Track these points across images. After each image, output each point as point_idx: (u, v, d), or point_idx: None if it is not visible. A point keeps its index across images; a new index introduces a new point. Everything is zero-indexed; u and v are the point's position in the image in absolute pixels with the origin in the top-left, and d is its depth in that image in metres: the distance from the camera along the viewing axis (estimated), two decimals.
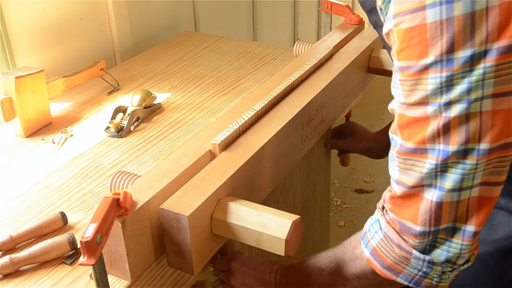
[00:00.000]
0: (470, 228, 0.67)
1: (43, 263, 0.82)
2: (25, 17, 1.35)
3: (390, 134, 0.69)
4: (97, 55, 1.55)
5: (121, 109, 1.22)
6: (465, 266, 0.71)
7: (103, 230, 0.64)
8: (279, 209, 0.80)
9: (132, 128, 1.20)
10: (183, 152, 0.87)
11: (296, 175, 1.18)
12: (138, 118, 1.21)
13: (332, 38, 1.28)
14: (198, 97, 1.33)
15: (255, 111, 0.94)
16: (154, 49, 1.63)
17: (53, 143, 1.15)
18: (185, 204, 0.75)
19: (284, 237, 0.74)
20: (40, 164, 1.08)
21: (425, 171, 0.65)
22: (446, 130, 0.62)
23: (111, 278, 0.77)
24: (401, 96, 0.65)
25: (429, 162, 0.64)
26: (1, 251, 0.84)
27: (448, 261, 0.69)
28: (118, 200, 0.69)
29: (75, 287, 0.78)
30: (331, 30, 1.40)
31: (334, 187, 2.45)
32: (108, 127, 1.18)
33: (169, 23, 1.84)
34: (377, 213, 0.74)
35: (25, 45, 1.36)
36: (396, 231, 0.70)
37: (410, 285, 0.72)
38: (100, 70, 1.37)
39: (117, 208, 0.70)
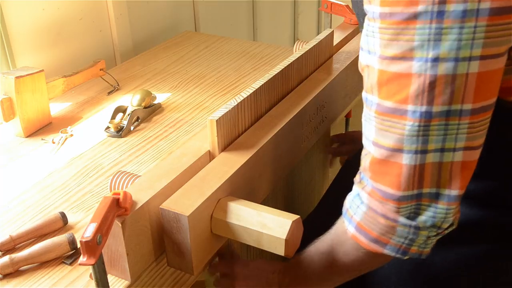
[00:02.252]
0: (454, 192, 0.65)
1: (43, 263, 0.82)
2: (25, 17, 1.35)
3: (364, 94, 0.67)
4: (97, 55, 1.55)
5: (121, 109, 1.22)
6: (449, 229, 0.70)
7: (103, 230, 0.64)
8: (277, 207, 0.80)
9: (132, 128, 1.20)
10: (183, 152, 0.87)
11: (295, 173, 1.18)
12: (138, 118, 1.21)
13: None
14: (198, 97, 1.33)
15: (254, 89, 0.93)
16: (154, 49, 1.63)
17: (53, 143, 1.15)
18: (185, 204, 0.75)
19: (284, 237, 0.74)
20: (40, 164, 1.08)
21: (406, 133, 0.62)
22: (431, 89, 0.59)
23: (111, 278, 0.77)
24: (377, 46, 0.61)
25: (410, 124, 0.61)
26: (1, 251, 0.84)
27: (433, 226, 0.68)
28: (118, 200, 0.69)
29: (75, 287, 0.78)
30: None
31: None
32: (108, 127, 1.18)
33: (169, 23, 1.84)
34: (356, 188, 0.72)
35: (25, 45, 1.36)
36: (378, 201, 0.68)
37: (397, 255, 0.71)
38: (100, 70, 1.37)
39: (117, 208, 0.70)
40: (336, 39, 1.27)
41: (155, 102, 1.27)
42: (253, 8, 2.34)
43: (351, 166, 1.06)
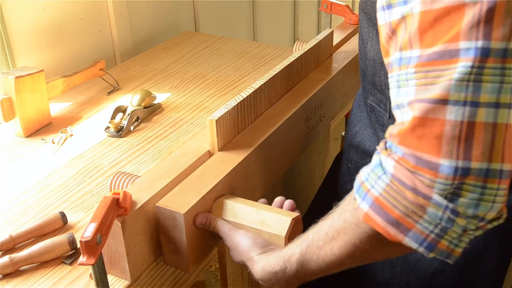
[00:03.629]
0: (507, 167, 0.52)
1: (43, 263, 0.82)
2: (25, 17, 1.35)
3: (396, 55, 0.56)
4: (97, 55, 1.55)
5: (121, 109, 1.22)
6: (494, 224, 0.55)
7: (102, 230, 0.64)
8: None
9: (132, 128, 1.20)
10: (182, 152, 0.87)
11: (295, 173, 1.18)
12: (138, 118, 1.21)
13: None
14: (198, 97, 1.33)
15: (254, 89, 0.94)
16: (154, 49, 1.63)
17: (53, 143, 1.15)
18: (180, 202, 0.75)
19: (284, 234, 0.74)
20: (40, 164, 1.08)
21: (456, 77, 0.49)
22: (489, 18, 0.49)
23: (110, 278, 0.77)
24: None
25: (462, 65, 0.49)
26: (1, 251, 0.84)
27: (476, 215, 0.53)
28: (117, 200, 0.69)
29: (75, 287, 0.78)
30: None
31: None
32: (108, 127, 1.18)
33: (169, 23, 1.84)
34: (378, 157, 0.57)
35: (25, 45, 1.36)
36: (409, 170, 0.53)
37: (420, 249, 0.55)
38: (100, 70, 1.37)
39: (117, 208, 0.70)
40: (336, 39, 1.27)
41: (155, 102, 1.27)
42: (253, 8, 2.34)
43: (340, 162, 1.06)
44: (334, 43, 1.24)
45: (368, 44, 0.84)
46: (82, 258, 0.63)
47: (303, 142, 1.06)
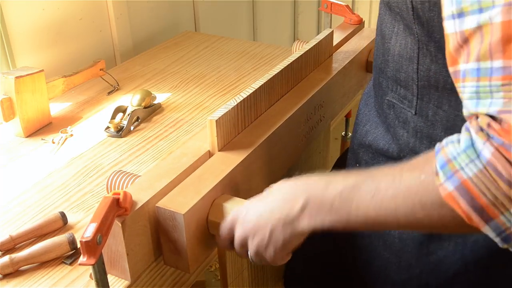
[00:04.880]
0: None
1: (43, 263, 0.82)
2: (25, 17, 1.35)
3: (472, 64, 0.54)
4: (97, 55, 1.55)
5: (121, 109, 1.22)
6: None
7: (103, 230, 0.64)
8: None
9: (132, 128, 1.20)
10: (182, 152, 0.87)
11: (295, 173, 1.18)
12: (138, 118, 1.21)
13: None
14: (198, 97, 1.33)
15: (254, 89, 0.93)
16: (154, 49, 1.63)
17: (53, 143, 1.15)
18: (180, 202, 0.75)
19: None
20: (40, 164, 1.08)
21: None
22: None
23: (111, 278, 0.77)
24: None
25: None
26: (1, 251, 0.84)
27: None
28: (118, 200, 0.69)
29: (75, 287, 0.78)
30: None
31: None
32: (108, 127, 1.18)
33: (169, 23, 1.84)
34: (470, 136, 0.55)
35: (25, 45, 1.36)
36: (508, 161, 0.52)
37: (497, 238, 0.55)
38: (100, 70, 1.37)
39: (117, 208, 0.70)
40: (336, 39, 1.27)
41: (155, 102, 1.27)
42: (253, 8, 2.34)
43: (344, 164, 1.06)
44: (334, 43, 1.24)
45: (392, 39, 0.81)
46: (82, 258, 0.63)
47: (303, 142, 1.06)
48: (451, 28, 0.57)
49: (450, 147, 0.57)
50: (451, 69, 0.59)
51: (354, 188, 0.64)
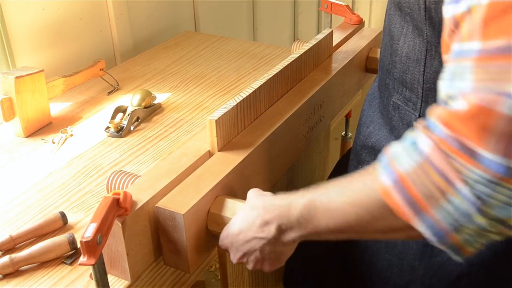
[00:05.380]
0: None
1: (43, 263, 0.82)
2: (25, 17, 1.35)
3: (456, 46, 0.52)
4: (97, 55, 1.55)
5: (121, 109, 1.22)
6: None
7: (103, 230, 0.65)
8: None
9: (132, 128, 1.20)
10: (183, 152, 0.87)
11: (295, 173, 1.18)
12: (138, 118, 1.21)
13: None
14: (198, 97, 1.33)
15: (253, 89, 0.93)
16: (154, 49, 1.63)
17: (53, 143, 1.15)
18: (180, 202, 0.75)
19: None
20: (40, 164, 1.08)
21: None
22: None
23: (111, 278, 0.77)
24: None
25: None
26: (1, 251, 0.84)
27: (500, 219, 0.50)
28: (118, 200, 0.69)
29: (75, 287, 0.78)
30: None
31: None
32: (108, 127, 1.18)
33: (169, 23, 1.84)
34: (414, 134, 0.55)
35: (25, 45, 1.36)
36: (445, 154, 0.50)
37: (430, 235, 0.53)
38: (100, 70, 1.37)
39: (117, 208, 0.70)
40: (336, 39, 1.27)
41: (155, 102, 1.27)
42: (253, 8, 2.34)
43: (343, 167, 1.06)
44: (334, 43, 1.24)
45: (400, 41, 0.80)
46: (82, 258, 0.63)
47: (303, 142, 1.06)
48: (448, 13, 0.56)
49: (394, 146, 0.57)
50: (444, 57, 0.58)
51: (310, 204, 0.65)
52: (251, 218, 0.72)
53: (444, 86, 0.54)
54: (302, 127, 1.03)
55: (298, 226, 0.67)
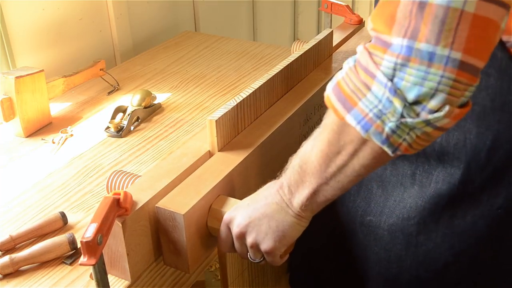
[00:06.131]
0: (456, 55, 0.51)
1: (43, 263, 0.82)
2: (25, 17, 1.35)
3: None
4: (97, 55, 1.55)
5: (121, 109, 1.22)
6: (436, 116, 0.53)
7: (103, 230, 0.65)
8: None
9: (132, 128, 1.20)
10: (183, 152, 0.87)
11: None
12: (138, 118, 1.21)
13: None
14: (198, 97, 1.33)
15: (253, 89, 0.94)
16: (154, 49, 1.63)
17: (53, 143, 1.15)
18: (180, 202, 0.75)
19: None
20: (40, 164, 1.08)
21: None
22: None
23: (111, 278, 0.77)
24: None
25: None
26: (1, 251, 0.84)
27: (417, 101, 0.53)
28: (118, 200, 0.69)
29: (75, 287, 0.78)
30: None
31: None
32: (108, 127, 1.18)
33: (169, 23, 1.84)
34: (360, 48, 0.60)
35: (25, 45, 1.36)
36: (369, 51, 0.56)
37: (358, 127, 0.57)
38: (100, 70, 1.37)
39: (118, 208, 0.70)
40: (336, 39, 1.27)
41: (155, 102, 1.27)
42: (253, 8, 2.34)
43: None
44: (334, 43, 1.24)
45: None
46: (82, 259, 0.63)
47: (303, 143, 1.06)
48: None
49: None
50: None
51: (303, 153, 0.69)
52: (261, 191, 0.74)
53: None
54: (302, 127, 1.03)
55: (301, 178, 0.69)
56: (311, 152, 0.67)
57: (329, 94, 0.59)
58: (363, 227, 0.86)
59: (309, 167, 0.67)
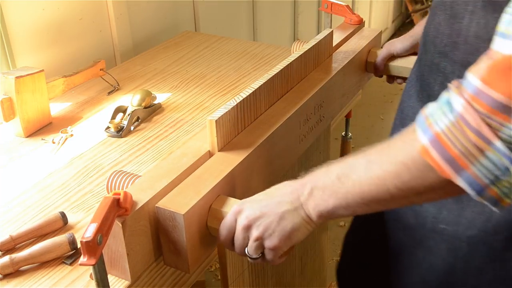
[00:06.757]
0: None
1: (43, 263, 0.82)
2: (25, 17, 1.35)
3: None
4: (97, 55, 1.55)
5: (121, 109, 1.22)
6: None
7: (103, 230, 0.65)
8: None
9: (132, 128, 1.20)
10: (183, 152, 0.87)
11: (295, 173, 1.18)
12: (138, 118, 1.21)
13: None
14: (198, 97, 1.33)
15: (253, 89, 0.93)
16: (154, 49, 1.63)
17: (53, 143, 1.15)
18: (180, 202, 0.75)
19: None
20: (40, 164, 1.08)
21: None
22: None
23: (111, 278, 0.77)
24: None
25: None
26: (1, 251, 0.84)
27: None
28: (118, 200, 0.69)
29: (75, 287, 0.78)
30: None
31: None
32: (108, 127, 1.18)
33: (169, 23, 1.84)
34: (448, 94, 0.57)
35: (25, 45, 1.37)
36: (478, 112, 0.53)
37: (470, 190, 0.56)
38: (100, 70, 1.37)
39: (118, 208, 0.70)
40: (336, 39, 1.27)
41: (155, 102, 1.27)
42: (253, 8, 2.34)
43: None
44: (334, 43, 1.24)
45: (465, 19, 0.75)
46: (82, 259, 0.63)
47: (303, 142, 1.06)
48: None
49: (430, 107, 0.59)
50: None
51: (349, 167, 0.66)
52: (275, 189, 0.73)
53: (503, 22, 0.54)
54: (302, 127, 1.03)
55: (330, 193, 0.67)
56: (364, 173, 0.64)
57: (428, 147, 0.57)
58: (435, 234, 0.84)
59: (351, 184, 0.65)
